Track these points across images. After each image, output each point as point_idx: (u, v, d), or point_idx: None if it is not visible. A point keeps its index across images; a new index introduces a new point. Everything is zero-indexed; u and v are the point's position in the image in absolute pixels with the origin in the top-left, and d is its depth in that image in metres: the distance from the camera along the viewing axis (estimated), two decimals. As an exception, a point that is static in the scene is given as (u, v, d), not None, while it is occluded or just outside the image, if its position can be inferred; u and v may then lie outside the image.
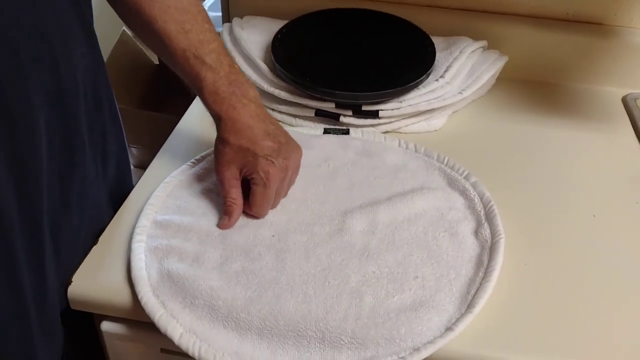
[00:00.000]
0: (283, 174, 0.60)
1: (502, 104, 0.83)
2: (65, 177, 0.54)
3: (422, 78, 0.76)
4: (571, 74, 0.87)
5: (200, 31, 0.59)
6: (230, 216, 0.60)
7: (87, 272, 0.57)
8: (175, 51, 0.58)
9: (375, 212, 0.62)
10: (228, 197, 0.60)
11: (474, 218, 0.63)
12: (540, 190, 0.69)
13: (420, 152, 0.71)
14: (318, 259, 0.57)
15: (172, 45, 0.58)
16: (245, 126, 0.58)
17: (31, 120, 0.48)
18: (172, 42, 0.58)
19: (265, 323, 0.52)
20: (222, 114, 0.58)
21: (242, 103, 0.59)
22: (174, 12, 0.58)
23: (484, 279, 0.56)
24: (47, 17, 0.48)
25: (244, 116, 0.58)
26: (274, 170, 0.58)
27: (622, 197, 0.68)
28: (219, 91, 0.58)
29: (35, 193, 0.50)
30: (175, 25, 0.58)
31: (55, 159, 0.52)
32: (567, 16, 0.86)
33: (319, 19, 0.85)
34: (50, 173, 0.52)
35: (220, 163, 0.60)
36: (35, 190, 0.50)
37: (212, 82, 0.58)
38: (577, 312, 0.55)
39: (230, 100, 0.58)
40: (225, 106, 0.58)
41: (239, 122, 0.58)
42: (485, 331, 0.53)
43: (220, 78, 0.58)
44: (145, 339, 0.58)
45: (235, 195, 0.60)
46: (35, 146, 0.49)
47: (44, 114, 0.49)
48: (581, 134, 0.78)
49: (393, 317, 0.52)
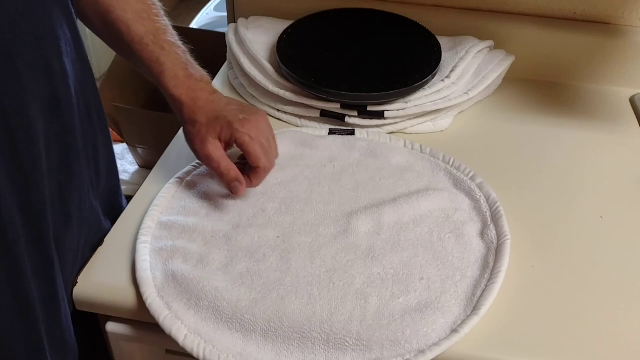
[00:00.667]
0: (259, 125, 0.61)
1: (508, 104, 0.83)
2: (65, 187, 0.54)
3: (427, 78, 0.76)
4: (578, 73, 0.87)
5: (156, 19, 0.61)
6: (238, 187, 0.60)
7: (92, 273, 0.58)
8: (133, 38, 0.59)
9: (380, 213, 0.62)
10: (221, 167, 0.60)
11: (480, 219, 0.62)
12: (547, 191, 0.69)
13: (426, 153, 0.71)
14: (323, 260, 0.57)
15: (131, 33, 0.59)
16: (207, 102, 0.61)
17: (29, 130, 0.47)
18: (131, 30, 0.59)
19: (270, 324, 0.52)
20: (183, 97, 0.60)
21: (200, 86, 0.61)
22: (131, 1, 0.60)
23: (490, 281, 0.55)
24: (40, 23, 0.48)
25: (203, 94, 0.61)
26: (251, 124, 0.60)
27: (630, 198, 0.68)
28: (179, 75, 0.60)
29: (38, 204, 0.50)
30: (133, 13, 0.60)
31: (55, 170, 0.52)
32: (574, 16, 0.86)
33: (324, 19, 0.85)
34: (50, 183, 0.51)
35: (197, 142, 0.60)
36: (38, 202, 0.50)
37: (172, 67, 0.60)
38: (584, 314, 0.55)
39: (189, 83, 0.60)
40: (185, 89, 0.60)
41: (200, 100, 0.60)
42: (491, 333, 0.53)
43: (179, 63, 0.60)
44: (150, 340, 0.58)
45: (227, 163, 0.60)
46: (35, 156, 0.48)
47: (42, 123, 0.49)
48: (588, 134, 0.78)
49: (398, 319, 0.52)
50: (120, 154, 1.38)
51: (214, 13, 1.84)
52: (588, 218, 0.65)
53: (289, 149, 0.71)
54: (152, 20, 0.60)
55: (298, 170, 0.68)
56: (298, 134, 0.73)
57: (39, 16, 0.48)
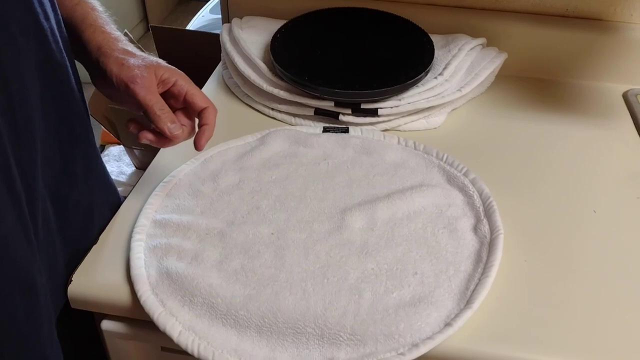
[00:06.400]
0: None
1: (501, 101, 0.83)
2: (67, 149, 0.55)
3: (420, 76, 0.76)
4: (571, 70, 0.87)
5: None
6: (179, 127, 0.57)
7: (86, 271, 0.58)
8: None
9: (374, 209, 0.62)
10: (166, 108, 0.56)
11: (473, 214, 0.62)
12: (540, 186, 0.69)
13: (420, 150, 0.71)
14: (317, 256, 0.57)
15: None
16: (136, 52, 0.58)
17: (23, 91, 0.48)
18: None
19: (264, 320, 0.52)
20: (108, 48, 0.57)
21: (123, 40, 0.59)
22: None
23: (483, 275, 0.55)
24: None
25: (130, 46, 0.59)
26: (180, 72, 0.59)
27: (623, 193, 0.68)
28: (104, 30, 0.58)
29: (29, 163, 0.50)
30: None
31: (53, 133, 0.53)
32: (566, 12, 0.86)
33: (317, 18, 0.86)
34: (48, 143, 0.52)
35: (139, 85, 0.55)
36: (29, 160, 0.50)
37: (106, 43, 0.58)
38: (577, 308, 0.55)
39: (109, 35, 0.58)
40: (107, 39, 0.58)
41: (129, 48, 0.58)
42: (484, 327, 0.53)
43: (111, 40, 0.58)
44: (146, 337, 0.58)
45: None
46: (29, 116, 0.48)
47: (38, 86, 0.49)
48: (582, 130, 0.78)
49: (392, 313, 0.52)
50: (117, 156, 1.38)
51: (209, 15, 1.85)
52: (581, 213, 0.65)
53: (283, 147, 0.71)
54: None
55: (292, 168, 0.68)
56: (292, 132, 0.73)
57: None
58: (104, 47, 0.56)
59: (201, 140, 0.58)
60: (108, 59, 0.56)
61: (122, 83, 0.55)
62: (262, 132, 0.73)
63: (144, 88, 0.55)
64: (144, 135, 0.58)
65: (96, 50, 0.57)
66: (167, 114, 0.56)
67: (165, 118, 0.56)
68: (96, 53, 0.57)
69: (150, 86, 0.56)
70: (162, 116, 0.56)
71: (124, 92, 0.56)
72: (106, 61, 0.56)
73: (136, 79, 0.55)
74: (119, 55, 0.56)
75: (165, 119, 0.56)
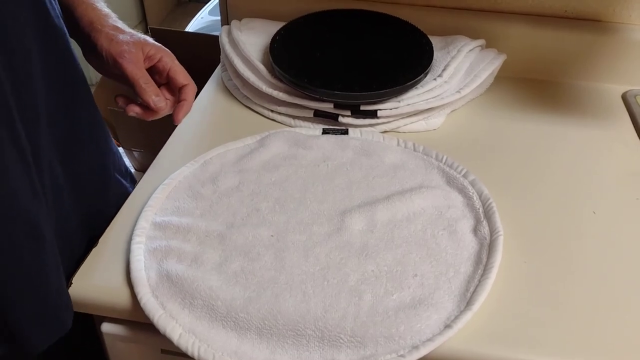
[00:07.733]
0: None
1: (500, 102, 0.83)
2: (71, 111, 0.57)
3: (420, 77, 0.76)
4: (570, 71, 0.87)
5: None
6: (163, 100, 0.60)
7: (86, 274, 0.58)
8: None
9: (374, 211, 0.62)
10: (151, 82, 0.60)
11: (473, 216, 0.62)
12: (540, 187, 0.69)
13: (419, 151, 0.71)
14: (317, 258, 0.57)
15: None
16: (125, 28, 0.61)
17: (25, 53, 0.49)
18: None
19: (265, 322, 0.52)
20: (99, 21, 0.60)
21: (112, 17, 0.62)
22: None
23: (483, 277, 0.56)
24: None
25: (119, 23, 0.62)
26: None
27: (623, 194, 0.68)
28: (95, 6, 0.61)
29: (32, 118, 0.51)
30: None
31: (55, 93, 0.54)
32: (565, 13, 0.86)
33: (316, 20, 0.86)
34: (51, 103, 0.53)
35: (127, 59, 0.59)
36: (33, 116, 0.51)
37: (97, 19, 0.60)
38: (577, 309, 0.55)
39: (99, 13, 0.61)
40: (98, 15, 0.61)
41: (119, 25, 0.61)
42: (484, 329, 0.53)
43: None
44: (146, 339, 0.58)
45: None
46: (30, 73, 0.50)
47: (36, 53, 0.50)
48: (581, 131, 0.78)
49: (392, 315, 0.52)
50: (116, 158, 1.38)
51: (208, 17, 1.85)
52: (581, 213, 0.65)
53: (283, 149, 0.71)
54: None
55: (292, 170, 0.68)
56: (292, 134, 0.73)
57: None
58: (95, 23, 0.59)
59: (179, 115, 0.62)
60: (99, 34, 0.59)
61: (111, 57, 0.58)
62: (262, 134, 0.73)
63: (131, 62, 0.58)
64: (131, 109, 0.61)
65: (88, 25, 0.59)
66: (152, 87, 0.60)
67: (150, 91, 0.59)
68: (88, 28, 0.59)
69: (137, 61, 0.59)
70: (147, 89, 0.59)
71: (113, 65, 0.59)
72: (97, 36, 0.59)
73: (124, 54, 0.58)
74: (109, 31, 0.59)
75: (150, 92, 0.59)
